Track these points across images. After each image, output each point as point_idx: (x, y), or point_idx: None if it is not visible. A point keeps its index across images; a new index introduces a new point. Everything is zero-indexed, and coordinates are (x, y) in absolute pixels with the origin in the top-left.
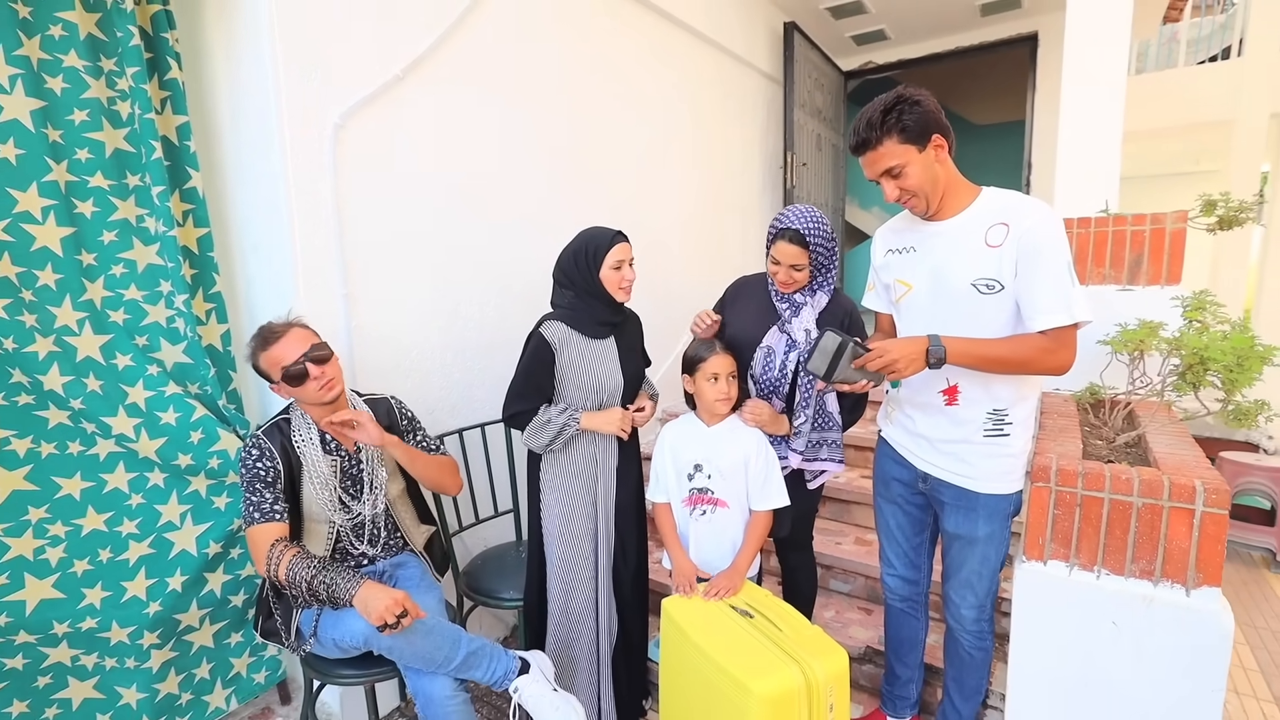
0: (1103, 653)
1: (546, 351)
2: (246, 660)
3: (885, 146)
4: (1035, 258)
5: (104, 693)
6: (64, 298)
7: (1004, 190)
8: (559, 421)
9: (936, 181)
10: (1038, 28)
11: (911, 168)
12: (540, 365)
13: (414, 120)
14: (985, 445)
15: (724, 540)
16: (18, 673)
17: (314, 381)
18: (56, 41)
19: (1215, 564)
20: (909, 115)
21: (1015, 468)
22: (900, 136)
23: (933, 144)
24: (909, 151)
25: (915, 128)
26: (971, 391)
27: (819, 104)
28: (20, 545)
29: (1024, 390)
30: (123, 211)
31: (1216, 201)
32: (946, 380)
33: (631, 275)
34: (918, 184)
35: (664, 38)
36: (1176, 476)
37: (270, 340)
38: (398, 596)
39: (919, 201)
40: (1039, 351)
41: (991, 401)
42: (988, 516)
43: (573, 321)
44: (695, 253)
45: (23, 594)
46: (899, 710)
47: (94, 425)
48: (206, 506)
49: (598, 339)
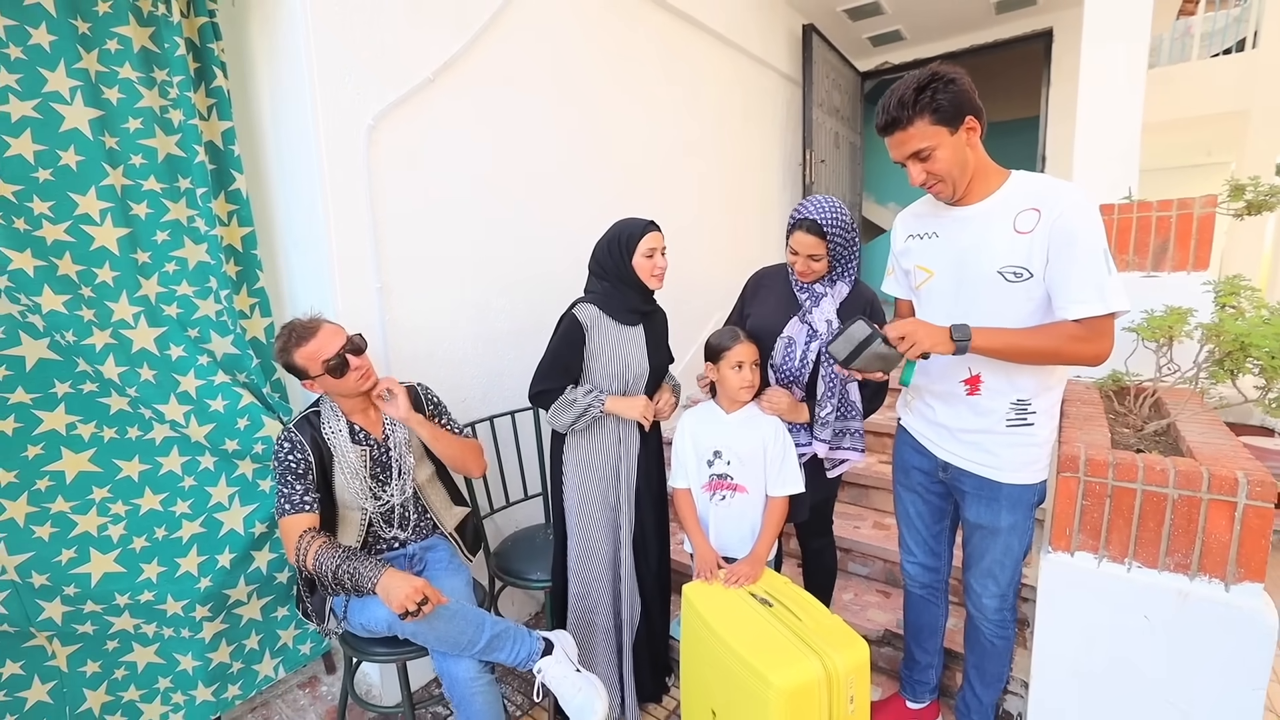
0: (1133, 647)
1: (577, 331)
2: (292, 633)
3: (916, 127)
4: (1069, 244)
5: (164, 658)
6: (120, 293)
7: (1035, 174)
8: (584, 402)
9: (966, 166)
10: (1053, 24)
11: (942, 151)
12: (569, 345)
13: (444, 120)
14: (1009, 435)
15: (743, 524)
16: (89, 637)
17: (354, 372)
18: (113, 55)
19: (1259, 558)
20: (944, 94)
21: (1040, 457)
22: (933, 117)
23: (965, 126)
24: (941, 134)
25: (949, 108)
26: (994, 381)
27: (837, 103)
28: (86, 522)
29: (1049, 380)
30: (174, 213)
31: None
32: (969, 370)
33: (663, 263)
34: (946, 168)
35: (685, 41)
36: (1216, 468)
37: (306, 336)
38: (417, 585)
39: (945, 187)
40: (1071, 341)
41: (1015, 392)
42: (1011, 506)
43: (605, 306)
44: (715, 248)
45: (88, 567)
46: (918, 695)
47: (150, 411)
48: (253, 489)
49: (628, 325)
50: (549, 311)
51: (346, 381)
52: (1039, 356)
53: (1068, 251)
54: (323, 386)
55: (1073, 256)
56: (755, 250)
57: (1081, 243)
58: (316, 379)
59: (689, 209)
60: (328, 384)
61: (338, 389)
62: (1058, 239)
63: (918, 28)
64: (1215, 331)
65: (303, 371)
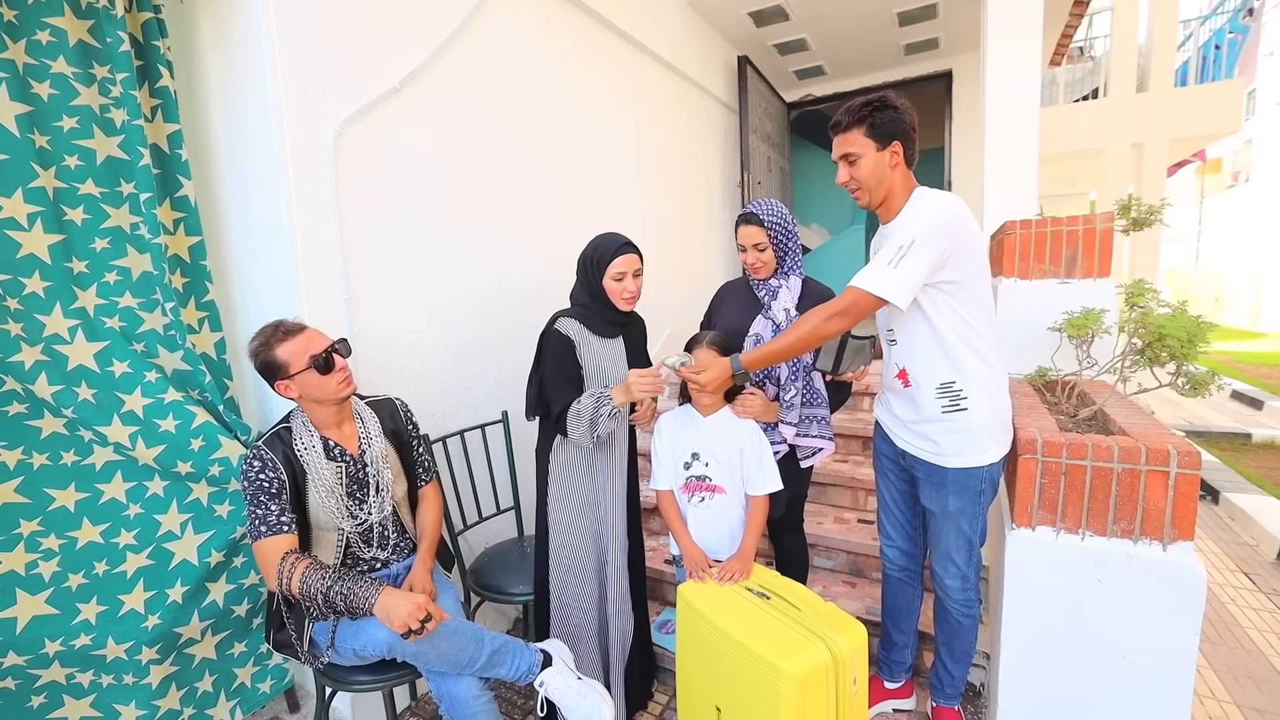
0: (1089, 608)
1: (568, 344)
2: (251, 670)
3: (852, 134)
4: (887, 239)
5: (101, 710)
6: (54, 305)
7: (931, 192)
8: (589, 403)
9: (881, 181)
10: (952, 66)
11: (865, 161)
12: (566, 356)
13: (409, 130)
14: (945, 421)
15: (721, 525)
16: (10, 693)
17: (339, 373)
18: (44, 47)
19: (1189, 520)
20: (880, 115)
21: (979, 440)
22: (866, 130)
23: (890, 149)
24: (868, 146)
25: (882, 128)
26: (915, 371)
27: (768, 130)
28: (11, 560)
29: (960, 361)
30: (115, 219)
31: (1130, 205)
32: (897, 365)
33: (634, 287)
34: (864, 177)
35: (635, 65)
36: (1150, 443)
37: (292, 332)
38: (420, 600)
39: (863, 194)
40: (824, 321)
41: (935, 377)
42: (957, 491)
43: (585, 319)
44: (664, 262)
45: (13, 610)
46: (895, 675)
47: (90, 434)
48: (208, 515)
49: (609, 338)
50: (513, 323)
51: (329, 381)
52: (800, 344)
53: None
54: (300, 388)
55: (885, 248)
56: (700, 265)
57: (893, 237)
58: (295, 377)
59: (640, 225)
60: (307, 384)
61: (317, 390)
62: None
63: (837, 64)
64: (1140, 324)
65: (282, 368)
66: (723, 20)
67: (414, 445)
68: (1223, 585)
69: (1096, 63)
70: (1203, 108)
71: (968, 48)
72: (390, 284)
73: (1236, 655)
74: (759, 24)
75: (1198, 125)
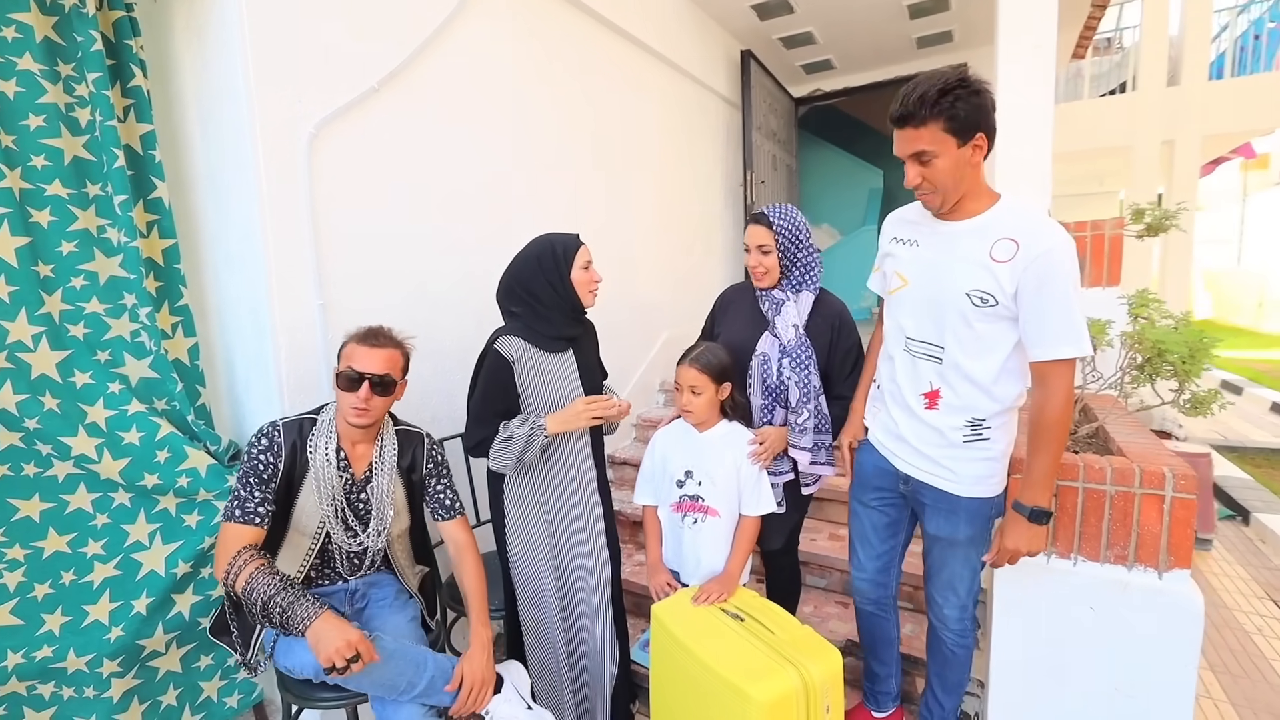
0: (1081, 637)
1: (504, 369)
2: (217, 684)
3: (928, 129)
4: (1047, 284)
5: None
6: (19, 311)
7: (1022, 203)
8: (523, 433)
9: (961, 182)
10: (967, 59)
11: (943, 160)
12: (498, 386)
13: (386, 133)
14: (966, 449)
15: (714, 549)
16: None
17: (355, 399)
18: (9, 44)
19: (1186, 547)
20: (964, 104)
21: (997, 471)
22: (946, 124)
23: (974, 143)
24: (948, 143)
25: (965, 120)
26: (951, 399)
27: (773, 127)
28: None
29: (1005, 404)
30: (83, 221)
31: (1145, 210)
32: (929, 383)
33: (599, 276)
34: (942, 179)
35: (630, 60)
36: (1146, 464)
37: (367, 340)
38: (352, 639)
39: (935, 197)
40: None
41: (970, 411)
42: (969, 519)
43: (529, 336)
44: (661, 264)
45: None
46: (881, 705)
47: (50, 446)
48: (177, 525)
49: (556, 353)
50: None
51: (344, 400)
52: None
53: (1045, 290)
54: (336, 390)
55: (1051, 297)
56: (700, 266)
57: (1059, 283)
58: (337, 375)
59: (637, 225)
60: (336, 388)
61: (339, 400)
62: (1036, 277)
63: (847, 58)
64: (1136, 339)
65: (339, 360)
66: (724, 13)
67: (429, 483)
68: (1249, 614)
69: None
70: (1239, 102)
71: (983, 41)
72: (367, 289)
73: (1260, 690)
74: (762, 17)
75: (1233, 120)
